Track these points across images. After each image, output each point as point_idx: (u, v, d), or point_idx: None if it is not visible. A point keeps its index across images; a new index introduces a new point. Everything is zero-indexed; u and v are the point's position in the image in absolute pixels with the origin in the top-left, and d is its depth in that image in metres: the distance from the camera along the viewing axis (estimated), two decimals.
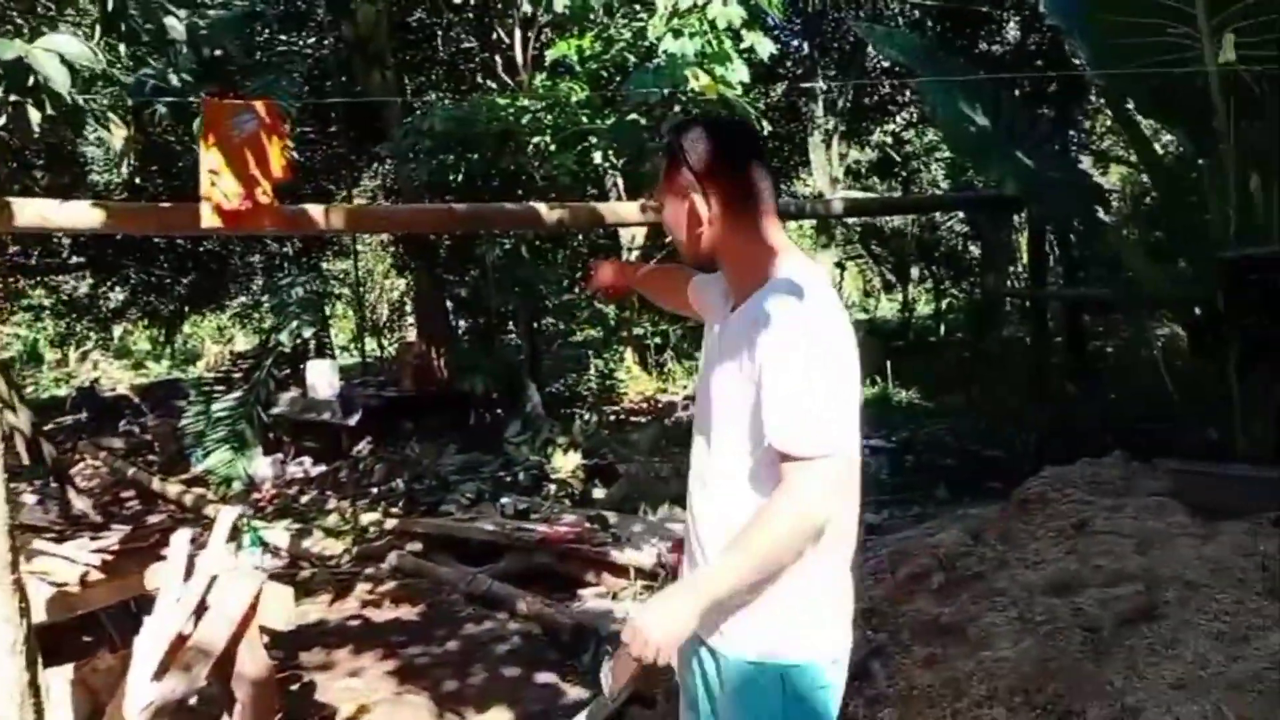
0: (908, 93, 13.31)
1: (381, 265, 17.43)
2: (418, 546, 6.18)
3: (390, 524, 6.34)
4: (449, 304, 10.37)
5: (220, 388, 9.72)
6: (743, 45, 8.16)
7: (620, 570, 5.01)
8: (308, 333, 9.49)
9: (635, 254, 14.37)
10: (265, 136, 3.74)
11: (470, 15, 10.57)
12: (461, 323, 10.97)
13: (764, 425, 1.59)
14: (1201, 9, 4.56)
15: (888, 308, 22.34)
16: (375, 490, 7.65)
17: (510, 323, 9.68)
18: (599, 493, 6.76)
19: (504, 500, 6.43)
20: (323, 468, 9.06)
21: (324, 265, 16.13)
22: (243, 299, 15.84)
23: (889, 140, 13.92)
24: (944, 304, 14.50)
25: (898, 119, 13.94)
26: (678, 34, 7.88)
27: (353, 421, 8.94)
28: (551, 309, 11.49)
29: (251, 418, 9.37)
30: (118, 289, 14.80)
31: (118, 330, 18.20)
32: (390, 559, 6.06)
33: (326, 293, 11.92)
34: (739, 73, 7.95)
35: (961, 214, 13.42)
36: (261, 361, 10.14)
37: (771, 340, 1.60)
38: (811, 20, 11.85)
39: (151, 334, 18.74)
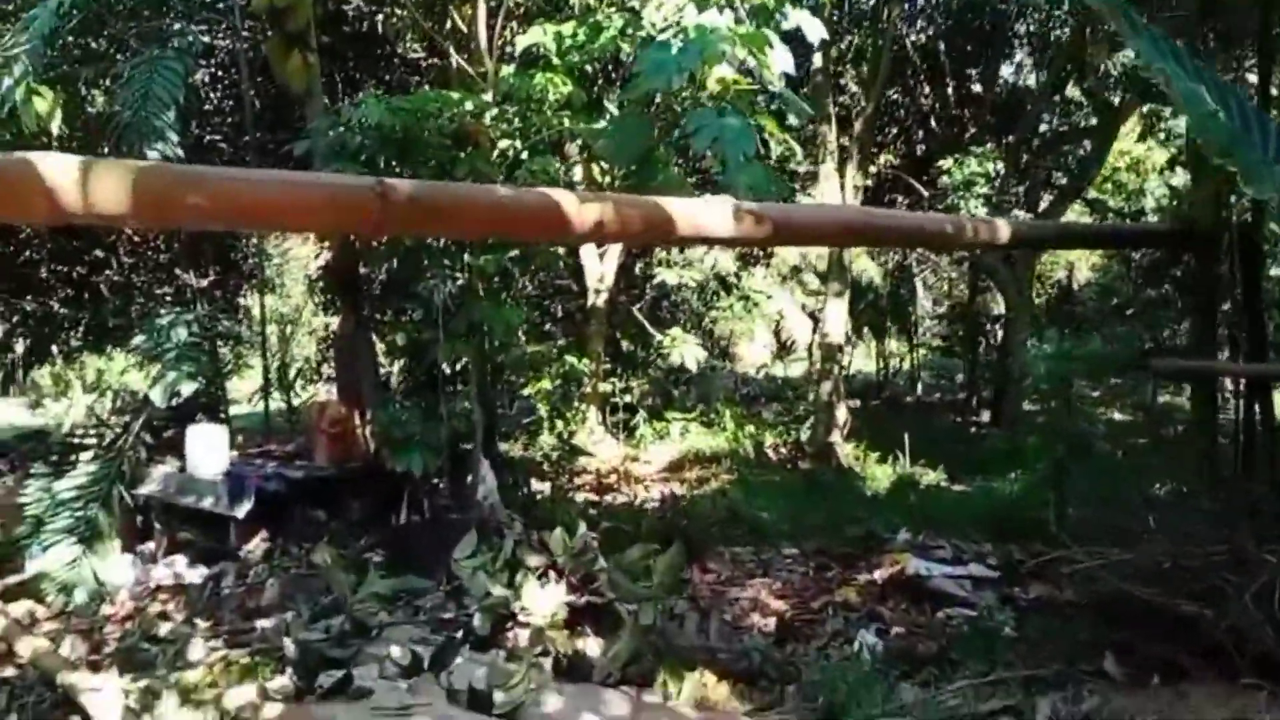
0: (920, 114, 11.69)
1: (313, 302, 14.90)
2: None
3: (270, 712, 4.00)
4: (379, 355, 8.10)
5: (86, 454, 7.38)
6: (785, 26, 6.31)
7: None
8: (187, 389, 7.15)
9: (603, 296, 12.21)
10: None
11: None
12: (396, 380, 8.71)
13: None
14: None
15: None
16: (261, 625, 5.30)
17: (458, 381, 7.50)
18: (591, 646, 4.54)
19: (456, 664, 4.20)
20: (201, 571, 6.70)
21: (242, 301, 13.66)
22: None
23: (895, 164, 12.22)
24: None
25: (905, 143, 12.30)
26: (703, 5, 5.95)
27: (241, 512, 6.60)
28: (504, 363, 9.32)
29: (109, 500, 7.03)
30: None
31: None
32: None
33: (226, 335, 9.53)
34: (782, 61, 6.00)
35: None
36: (130, 424, 7.82)
37: None
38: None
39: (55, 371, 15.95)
